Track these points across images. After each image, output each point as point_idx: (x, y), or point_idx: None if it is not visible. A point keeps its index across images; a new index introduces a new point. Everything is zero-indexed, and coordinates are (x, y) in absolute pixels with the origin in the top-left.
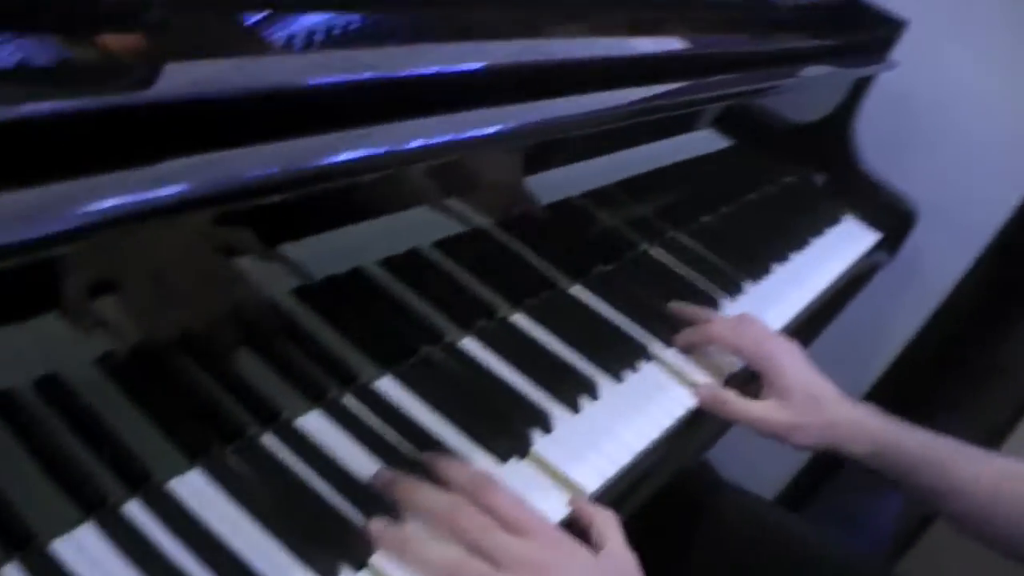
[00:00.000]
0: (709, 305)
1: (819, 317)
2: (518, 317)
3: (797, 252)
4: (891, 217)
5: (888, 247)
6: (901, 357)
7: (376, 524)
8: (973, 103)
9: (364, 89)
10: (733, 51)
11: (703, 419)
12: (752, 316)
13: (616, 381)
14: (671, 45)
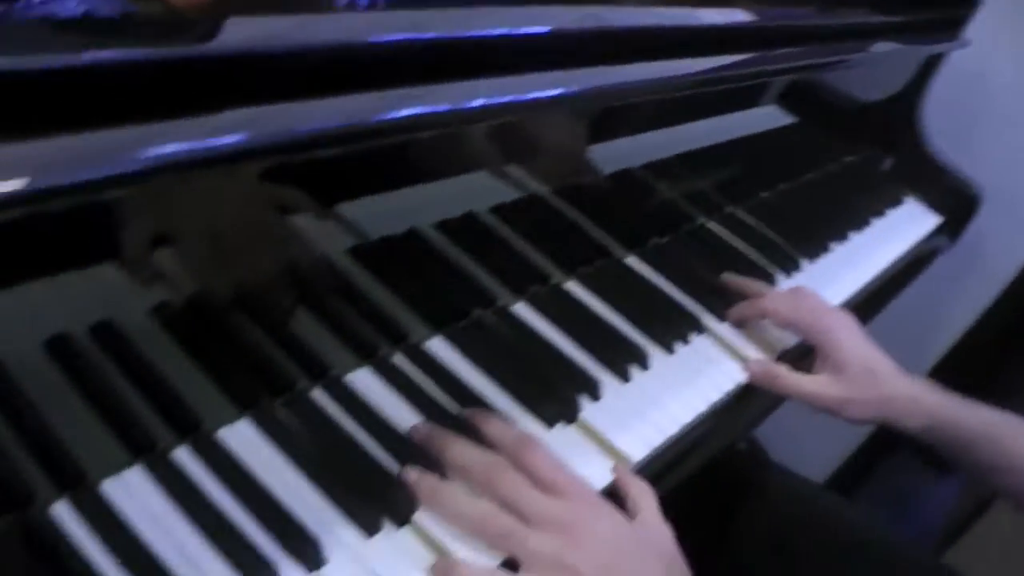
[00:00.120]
0: (766, 281)
1: (875, 299)
2: (572, 285)
3: (856, 232)
4: (954, 201)
5: (950, 231)
6: (960, 344)
7: (411, 472)
8: None
9: (427, 49)
10: (800, 24)
11: (753, 395)
12: (808, 288)
13: (667, 352)
14: (737, 16)
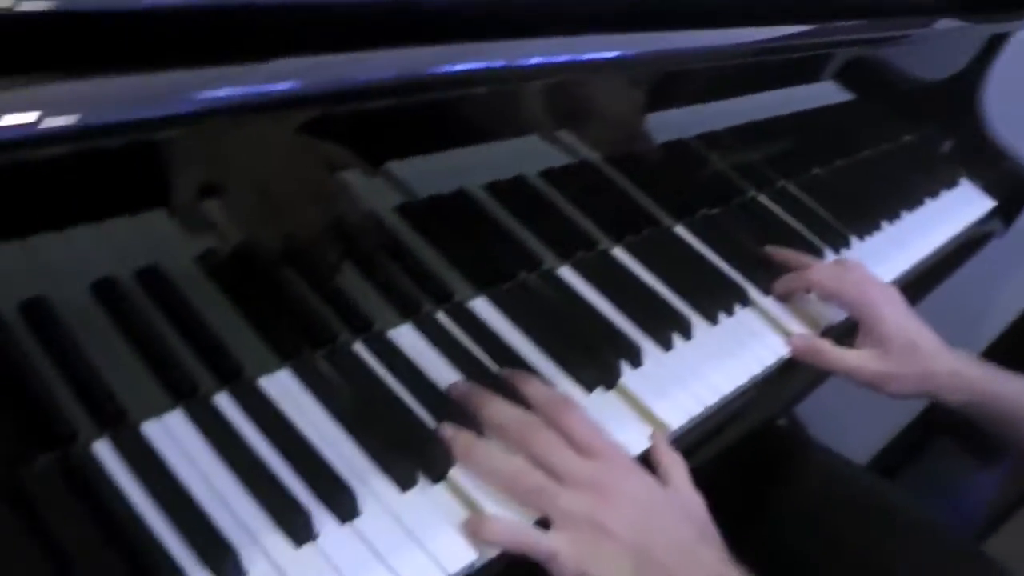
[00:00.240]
0: (815, 256)
1: (924, 280)
2: (618, 251)
3: (909, 211)
4: (1010, 186)
5: (1004, 216)
6: (1012, 329)
7: (447, 428)
8: None
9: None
10: None
11: (795, 371)
12: (854, 261)
13: (711, 323)
14: None
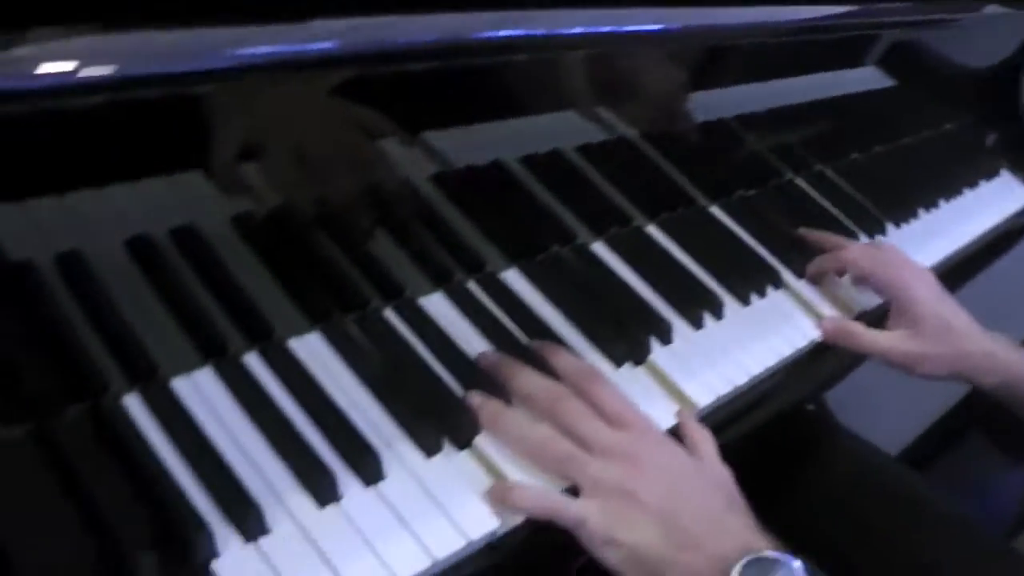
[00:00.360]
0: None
1: (960, 271)
2: (652, 229)
3: (947, 201)
4: None
5: None
6: None
7: (475, 396)
8: None
9: None
10: None
11: (825, 356)
12: (888, 242)
13: (742, 304)
14: None
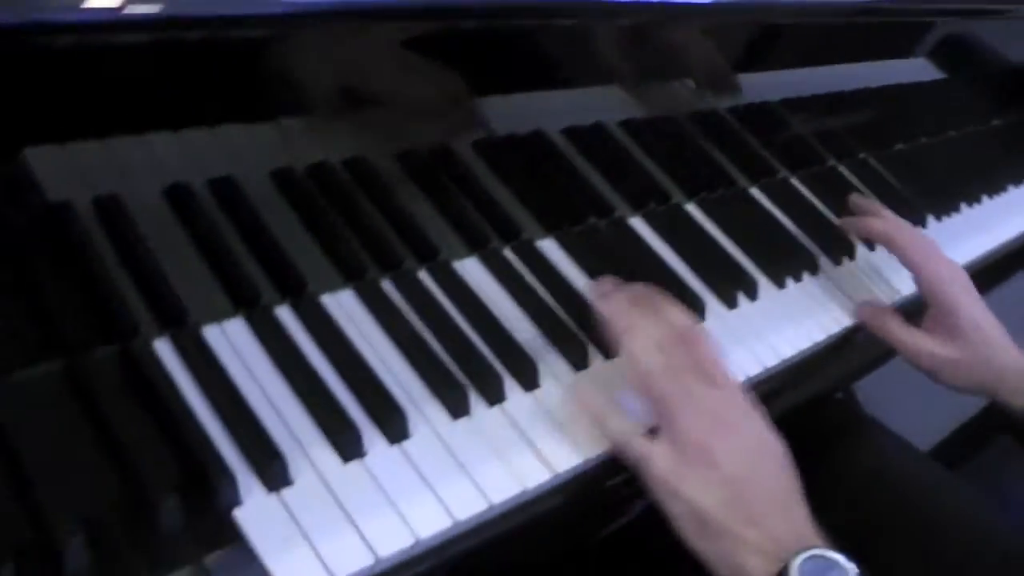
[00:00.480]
0: None
1: (999, 268)
2: (691, 207)
3: (990, 197)
4: None
5: None
6: None
7: (612, 301)
8: None
9: None
10: None
11: (857, 344)
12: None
13: (777, 287)
14: None
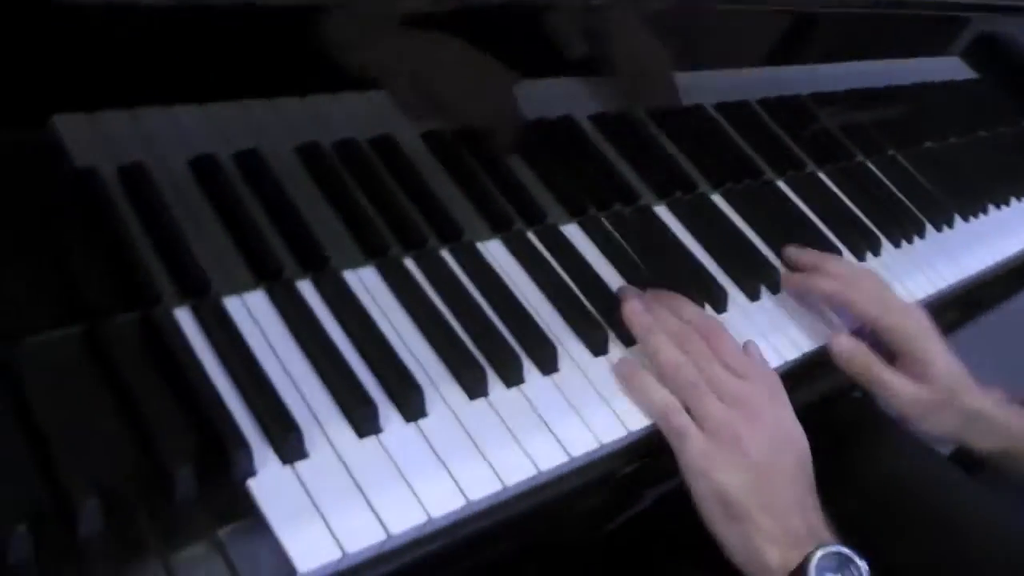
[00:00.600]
0: (915, 230)
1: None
2: (716, 198)
3: (1019, 200)
4: None
5: None
6: None
7: (634, 303)
8: None
9: None
10: None
11: None
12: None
13: None
14: None
